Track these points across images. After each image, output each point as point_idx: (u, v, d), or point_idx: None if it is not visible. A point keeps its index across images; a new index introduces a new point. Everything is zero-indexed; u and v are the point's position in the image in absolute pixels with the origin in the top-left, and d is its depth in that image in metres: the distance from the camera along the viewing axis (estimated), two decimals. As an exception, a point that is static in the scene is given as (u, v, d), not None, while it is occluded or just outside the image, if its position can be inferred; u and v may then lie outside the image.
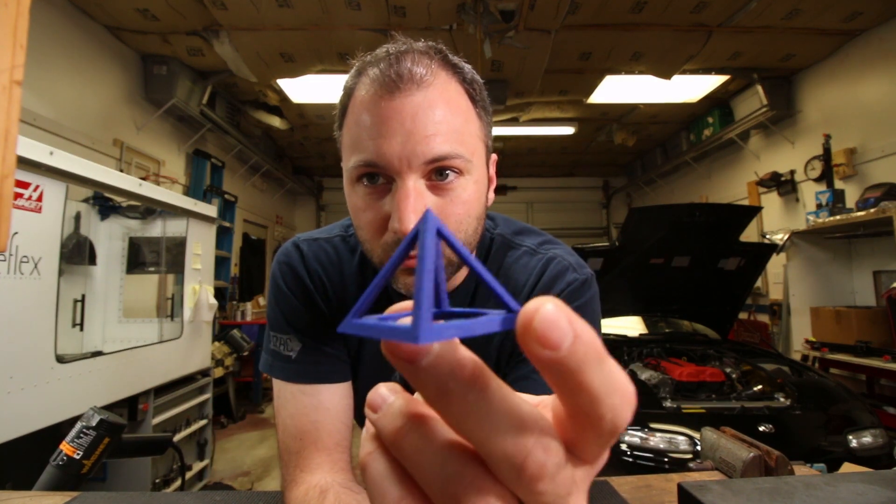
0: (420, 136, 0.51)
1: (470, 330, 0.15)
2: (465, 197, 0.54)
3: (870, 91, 3.45)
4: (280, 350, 0.67)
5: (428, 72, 0.52)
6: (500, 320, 0.16)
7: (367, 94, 0.53)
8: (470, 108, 0.56)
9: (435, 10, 3.13)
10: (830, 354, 3.14)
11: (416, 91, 0.51)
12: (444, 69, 0.55)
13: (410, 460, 0.15)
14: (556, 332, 0.13)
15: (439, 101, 0.52)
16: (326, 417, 0.64)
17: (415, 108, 0.51)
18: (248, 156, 5.27)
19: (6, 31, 0.33)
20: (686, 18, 3.27)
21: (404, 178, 0.51)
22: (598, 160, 7.04)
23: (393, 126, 0.51)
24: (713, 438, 0.77)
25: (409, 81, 0.51)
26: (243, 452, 3.49)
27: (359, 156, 0.53)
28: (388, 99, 0.51)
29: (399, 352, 0.15)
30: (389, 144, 0.51)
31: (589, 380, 0.14)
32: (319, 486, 0.58)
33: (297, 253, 0.70)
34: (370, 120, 0.52)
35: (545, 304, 0.14)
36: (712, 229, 2.75)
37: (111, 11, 3.14)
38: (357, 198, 0.56)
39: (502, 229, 0.71)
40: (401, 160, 0.51)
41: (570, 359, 0.13)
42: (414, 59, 0.52)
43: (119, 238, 2.84)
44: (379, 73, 0.52)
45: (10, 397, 1.57)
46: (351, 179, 0.56)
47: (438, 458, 0.15)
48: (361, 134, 0.53)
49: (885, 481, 0.51)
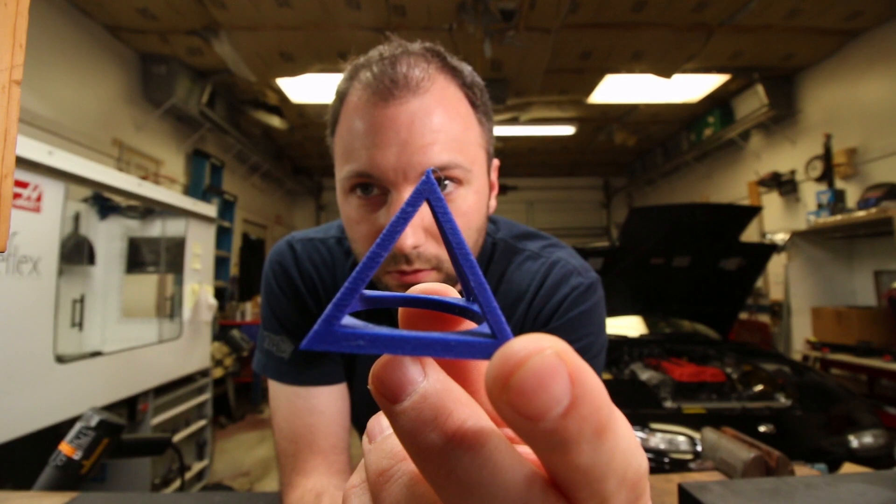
0: (416, 145, 0.48)
1: (443, 349, 0.12)
2: (465, 208, 0.52)
3: (870, 91, 3.45)
4: (273, 351, 0.66)
5: (425, 76, 0.50)
6: (480, 346, 0.12)
7: (360, 101, 0.51)
8: (470, 114, 0.54)
9: (435, 10, 3.13)
10: (831, 355, 3.14)
11: (411, 97, 0.49)
12: (442, 73, 0.53)
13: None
14: (545, 395, 0.10)
15: (437, 108, 0.50)
16: (321, 420, 0.63)
17: (411, 116, 0.49)
18: (247, 156, 5.27)
19: (5, 30, 0.33)
20: (686, 18, 3.27)
21: (400, 190, 0.49)
22: (598, 160, 7.04)
23: (388, 135, 0.49)
24: (714, 439, 0.77)
25: (404, 87, 0.49)
26: (243, 453, 3.49)
27: (352, 166, 0.51)
28: (383, 106, 0.49)
29: (382, 386, 0.12)
30: (384, 155, 0.49)
31: (576, 459, 0.10)
32: (315, 490, 0.57)
33: (291, 253, 0.68)
34: (363, 128, 0.50)
35: (544, 348, 0.10)
36: (713, 229, 2.75)
37: (110, 11, 3.14)
38: (350, 209, 0.54)
39: (504, 234, 0.69)
40: (396, 171, 0.49)
41: (556, 434, 0.10)
42: (409, 63, 0.50)
43: (118, 238, 2.83)
44: (372, 78, 0.50)
45: (9, 397, 1.57)
46: (344, 189, 0.54)
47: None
48: (354, 142, 0.51)
49: (885, 481, 0.51)
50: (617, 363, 2.66)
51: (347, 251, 0.69)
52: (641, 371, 2.49)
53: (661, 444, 1.89)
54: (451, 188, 0.52)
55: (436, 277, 0.53)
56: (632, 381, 2.32)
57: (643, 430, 1.94)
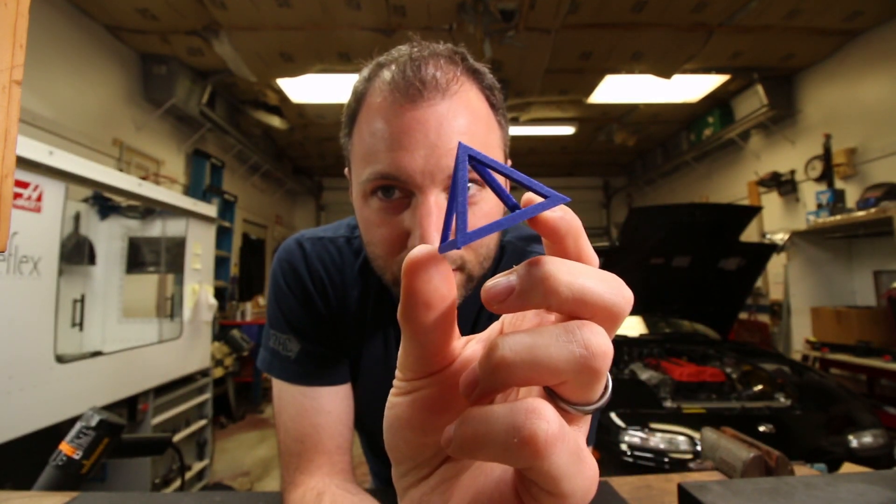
0: (444, 148, 0.47)
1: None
2: (487, 209, 0.52)
3: (870, 91, 3.45)
4: (279, 350, 0.66)
5: (453, 78, 0.49)
6: (539, 206, 0.18)
7: (385, 101, 0.49)
8: (491, 116, 0.54)
9: (435, 10, 3.13)
10: (831, 354, 3.14)
11: (440, 100, 0.48)
12: (467, 76, 0.52)
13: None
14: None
15: (463, 111, 0.49)
16: (327, 420, 0.63)
17: (439, 119, 0.48)
18: (247, 156, 5.28)
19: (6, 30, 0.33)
20: (686, 18, 3.27)
21: (426, 193, 0.48)
22: (598, 160, 7.04)
23: (416, 137, 0.47)
24: (713, 438, 0.77)
25: (433, 89, 0.48)
26: (243, 453, 3.49)
27: (374, 167, 0.49)
28: (410, 108, 0.48)
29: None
30: (412, 157, 0.47)
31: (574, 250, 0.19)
32: (317, 489, 0.57)
33: (300, 251, 0.68)
34: (388, 130, 0.48)
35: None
36: (712, 229, 2.75)
37: (111, 11, 3.14)
38: (370, 212, 0.53)
39: (512, 235, 0.69)
40: (423, 174, 0.48)
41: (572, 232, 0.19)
42: (438, 65, 0.49)
43: (119, 238, 2.83)
44: (399, 79, 0.48)
45: (9, 397, 1.57)
46: (364, 192, 0.52)
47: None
48: (378, 144, 0.49)
49: (885, 481, 0.51)
50: (617, 363, 2.66)
51: (356, 251, 0.69)
52: (641, 371, 2.49)
53: (661, 443, 1.89)
54: (474, 190, 0.51)
55: (459, 278, 0.53)
56: (631, 381, 2.32)
57: (643, 429, 1.94)
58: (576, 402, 0.18)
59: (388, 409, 0.22)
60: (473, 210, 0.52)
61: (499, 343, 0.17)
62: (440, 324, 0.19)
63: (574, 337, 0.16)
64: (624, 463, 1.88)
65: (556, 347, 0.16)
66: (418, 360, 0.20)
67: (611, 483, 0.70)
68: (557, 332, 0.17)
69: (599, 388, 0.18)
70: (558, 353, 0.16)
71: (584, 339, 0.16)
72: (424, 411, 0.20)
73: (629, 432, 1.94)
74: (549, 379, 0.17)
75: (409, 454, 0.22)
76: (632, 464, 1.87)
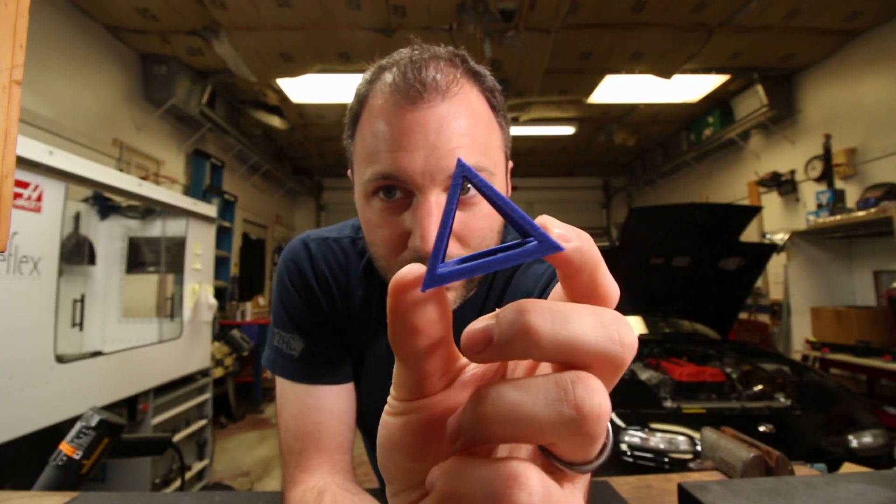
0: (444, 149, 0.48)
1: (487, 266, 0.17)
2: (487, 211, 0.52)
3: (870, 91, 3.45)
4: (283, 348, 0.67)
5: (453, 80, 0.50)
6: (532, 249, 0.16)
7: (386, 103, 0.50)
8: (492, 118, 0.55)
9: (435, 10, 3.13)
10: (831, 354, 3.14)
11: (440, 101, 0.49)
12: (468, 78, 0.53)
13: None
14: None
15: (464, 112, 0.50)
16: (329, 419, 0.63)
17: (439, 120, 0.48)
18: (247, 156, 5.27)
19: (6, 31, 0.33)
20: (686, 18, 3.27)
21: (427, 193, 0.49)
22: (598, 160, 7.04)
23: (416, 138, 0.48)
24: (713, 438, 0.77)
25: (433, 91, 0.49)
26: (243, 452, 3.49)
27: (376, 168, 0.50)
28: (411, 109, 0.49)
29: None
30: (412, 158, 0.48)
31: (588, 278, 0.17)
32: (317, 488, 0.58)
33: (306, 252, 0.69)
34: (389, 131, 0.49)
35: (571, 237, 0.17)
36: (712, 229, 2.75)
37: (111, 11, 3.14)
38: (372, 212, 0.53)
39: (511, 236, 0.70)
40: (424, 175, 0.48)
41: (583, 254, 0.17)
42: (438, 67, 0.50)
43: (119, 238, 2.83)
44: (400, 81, 0.49)
45: (9, 397, 1.57)
46: (366, 193, 0.53)
47: None
48: (379, 145, 0.50)
49: (885, 481, 0.51)
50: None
51: (361, 252, 0.69)
52: (641, 371, 2.49)
53: (661, 443, 1.89)
54: (475, 192, 0.51)
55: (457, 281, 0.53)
56: (631, 381, 2.32)
57: (643, 429, 1.94)
58: (570, 461, 0.17)
59: (381, 426, 0.20)
60: (473, 211, 0.52)
61: (483, 395, 0.16)
62: (431, 350, 0.18)
63: (566, 395, 0.15)
64: (624, 463, 1.88)
65: (544, 407, 0.15)
66: (409, 382, 0.19)
67: (611, 483, 0.70)
68: (548, 387, 0.15)
69: (595, 448, 0.16)
70: (545, 413, 0.15)
71: (576, 400, 0.15)
72: (415, 436, 0.19)
73: (629, 432, 1.94)
74: (535, 439, 0.15)
75: (398, 476, 0.20)
76: (632, 464, 1.87)
